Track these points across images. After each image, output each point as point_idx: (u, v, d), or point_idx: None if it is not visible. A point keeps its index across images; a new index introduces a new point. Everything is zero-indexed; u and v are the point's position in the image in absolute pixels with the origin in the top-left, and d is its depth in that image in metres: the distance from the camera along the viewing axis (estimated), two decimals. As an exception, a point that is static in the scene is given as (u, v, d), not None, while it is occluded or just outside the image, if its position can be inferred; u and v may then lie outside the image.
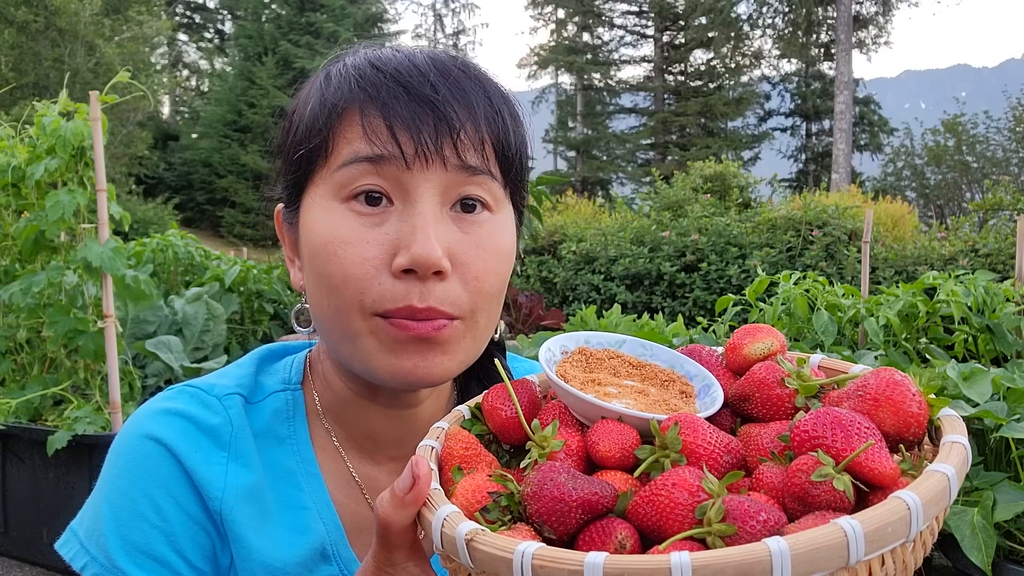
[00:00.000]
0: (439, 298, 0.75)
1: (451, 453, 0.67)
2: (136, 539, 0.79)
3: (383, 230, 0.76)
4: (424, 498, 0.61)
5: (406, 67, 0.78)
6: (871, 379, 0.60)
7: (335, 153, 0.78)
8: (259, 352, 0.96)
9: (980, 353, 3.47)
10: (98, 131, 3.28)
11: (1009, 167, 22.02)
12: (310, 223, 0.80)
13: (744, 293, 3.99)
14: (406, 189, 0.76)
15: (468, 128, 0.77)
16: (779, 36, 30.91)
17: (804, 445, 0.55)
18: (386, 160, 0.75)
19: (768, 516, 0.50)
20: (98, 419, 3.31)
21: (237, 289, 5.83)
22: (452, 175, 0.77)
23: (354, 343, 0.78)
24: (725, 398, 0.69)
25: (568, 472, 0.57)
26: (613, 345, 0.78)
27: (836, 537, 0.46)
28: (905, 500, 0.48)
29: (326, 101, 0.79)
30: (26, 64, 20.64)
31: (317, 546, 0.85)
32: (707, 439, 0.58)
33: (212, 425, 0.84)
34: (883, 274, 9.17)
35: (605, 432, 0.62)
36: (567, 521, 0.54)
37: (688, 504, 0.52)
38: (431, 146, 0.75)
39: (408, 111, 0.75)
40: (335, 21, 27.81)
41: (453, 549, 0.55)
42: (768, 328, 0.72)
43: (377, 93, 0.76)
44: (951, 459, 0.53)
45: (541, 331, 4.07)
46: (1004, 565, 2.29)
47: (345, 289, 0.76)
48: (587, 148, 33.42)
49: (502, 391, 0.70)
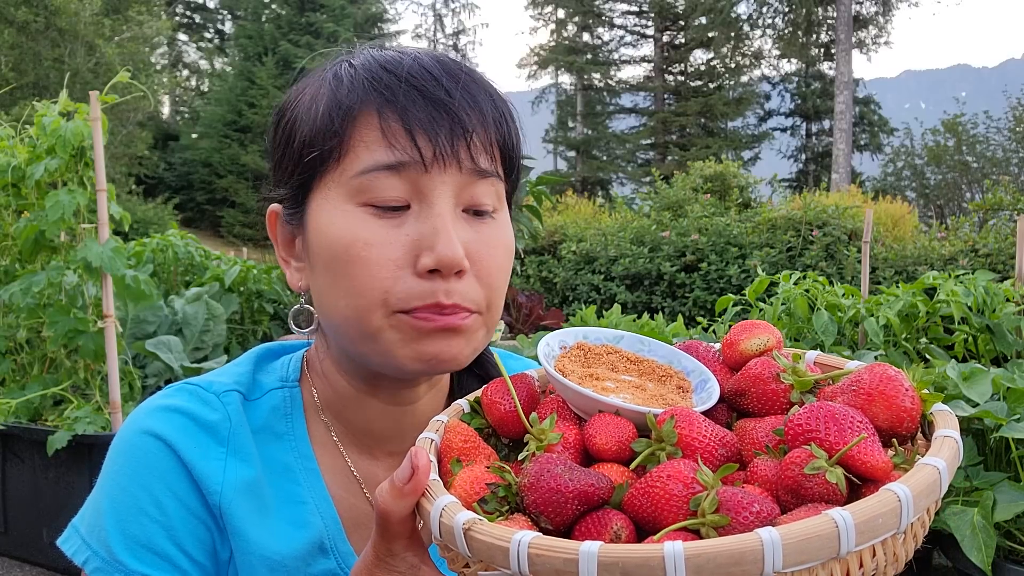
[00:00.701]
0: (461, 295, 0.78)
1: (450, 446, 0.68)
2: (137, 533, 0.80)
3: (403, 231, 0.77)
4: (423, 488, 0.62)
5: (418, 70, 0.79)
6: (865, 374, 0.60)
7: (351, 156, 0.78)
8: (257, 351, 0.97)
9: (980, 353, 3.47)
10: (98, 131, 3.28)
11: (1009, 167, 22.03)
12: (325, 226, 0.80)
13: (744, 293, 3.99)
14: (423, 191, 0.78)
15: (479, 131, 0.79)
16: (779, 36, 30.92)
17: (798, 439, 0.56)
18: (406, 165, 0.77)
19: (761, 507, 0.50)
20: (98, 419, 3.31)
21: (237, 289, 5.83)
22: (465, 177, 0.79)
23: (375, 340, 0.79)
24: (721, 393, 0.70)
25: (565, 464, 0.57)
26: (611, 341, 0.79)
27: (827, 528, 0.46)
28: (896, 492, 0.49)
29: (340, 103, 0.79)
30: (26, 64, 20.65)
31: (315, 539, 0.86)
32: (702, 432, 0.59)
33: (211, 421, 0.85)
34: (883, 274, 9.18)
35: (602, 425, 0.63)
36: (563, 512, 0.55)
37: (683, 496, 0.53)
38: (448, 149, 0.77)
39: (425, 115, 0.77)
40: (335, 21, 27.83)
41: (451, 538, 0.55)
42: (764, 324, 0.73)
43: (394, 96, 0.77)
44: (942, 453, 0.54)
45: (541, 331, 4.07)
46: (1004, 565, 2.29)
47: (369, 290, 0.77)
48: (587, 148, 33.44)
49: (501, 385, 0.71)
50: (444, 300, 0.77)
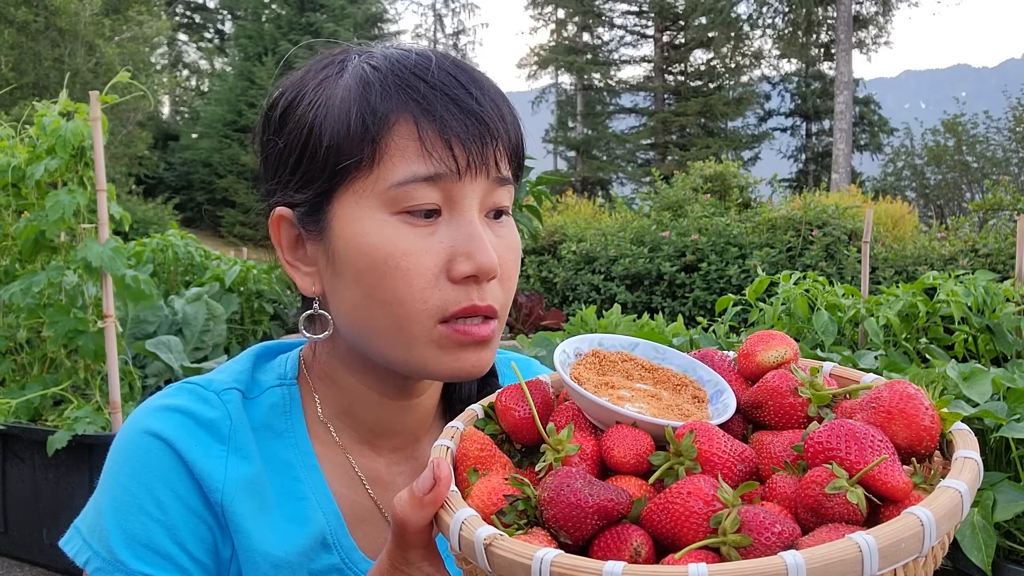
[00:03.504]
0: (493, 297, 0.80)
1: (467, 454, 0.67)
2: (138, 533, 0.80)
3: (437, 239, 0.78)
4: (443, 500, 0.62)
5: (447, 78, 0.79)
6: (885, 391, 0.60)
7: (386, 165, 0.77)
8: (255, 350, 0.98)
9: (980, 353, 3.47)
10: (98, 131, 3.27)
11: (1009, 167, 22.05)
12: (358, 235, 0.78)
13: (744, 293, 3.99)
14: (455, 199, 0.79)
15: (503, 137, 0.81)
16: (779, 36, 30.94)
17: (818, 456, 0.55)
18: (442, 176, 0.77)
19: (783, 528, 0.50)
20: (98, 419, 3.31)
21: (237, 289, 5.82)
22: (491, 184, 0.81)
23: (412, 349, 0.80)
24: (737, 404, 0.70)
25: (584, 478, 0.57)
26: (626, 348, 0.79)
27: (851, 552, 0.46)
28: (919, 516, 0.49)
29: (375, 109, 0.77)
30: (26, 64, 20.65)
31: (317, 535, 0.86)
32: (722, 448, 0.59)
33: (211, 419, 0.85)
34: (883, 274, 9.18)
35: (620, 438, 0.63)
36: (583, 527, 0.55)
37: (703, 513, 0.52)
38: (479, 158, 0.78)
39: (460, 125, 0.77)
40: (335, 21, 27.83)
41: (471, 552, 0.55)
42: (781, 335, 0.73)
43: (431, 105, 0.77)
44: (963, 475, 0.54)
45: (541, 331, 4.06)
46: (1004, 565, 2.29)
47: (409, 299, 0.77)
48: (587, 148, 33.46)
49: (516, 391, 0.71)
50: (480, 303, 0.79)
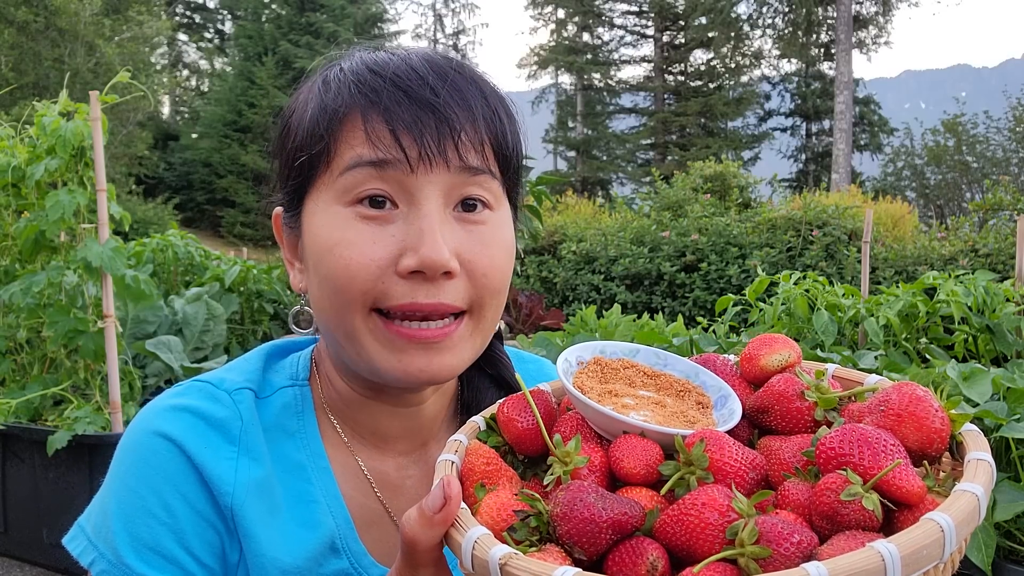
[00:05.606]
0: (447, 294, 0.78)
1: (472, 468, 0.66)
2: (144, 536, 0.79)
3: (389, 232, 0.77)
4: (453, 519, 0.60)
5: (404, 71, 0.79)
6: (893, 394, 0.59)
7: (337, 158, 0.78)
8: (265, 348, 0.97)
9: (980, 353, 3.46)
10: (98, 131, 3.27)
11: (1009, 167, 22.03)
12: (314, 227, 0.80)
13: (744, 293, 3.99)
14: (410, 192, 0.77)
15: (468, 129, 0.79)
16: (779, 36, 30.92)
17: (831, 462, 0.55)
18: (390, 164, 0.76)
19: (801, 538, 0.49)
20: (98, 419, 3.30)
21: (237, 289, 5.82)
22: (454, 176, 0.78)
23: (355, 342, 0.79)
24: (742, 409, 0.68)
25: (597, 492, 0.56)
26: (627, 354, 0.78)
27: (874, 561, 0.46)
28: (939, 522, 0.48)
29: (326, 107, 0.79)
30: (26, 64, 20.64)
31: (326, 539, 0.85)
32: (733, 456, 0.58)
33: (222, 419, 0.84)
34: (883, 274, 9.16)
35: (629, 448, 0.61)
36: (598, 542, 0.54)
37: (719, 524, 0.51)
38: (434, 148, 0.76)
39: (410, 115, 0.76)
40: (335, 21, 27.82)
41: (485, 572, 0.54)
42: (784, 339, 0.72)
43: (378, 98, 0.77)
44: (978, 478, 0.53)
45: (541, 331, 4.05)
46: (1004, 565, 2.28)
47: (349, 287, 0.77)
48: (587, 148, 33.44)
49: (518, 401, 0.69)
50: (423, 300, 0.76)
